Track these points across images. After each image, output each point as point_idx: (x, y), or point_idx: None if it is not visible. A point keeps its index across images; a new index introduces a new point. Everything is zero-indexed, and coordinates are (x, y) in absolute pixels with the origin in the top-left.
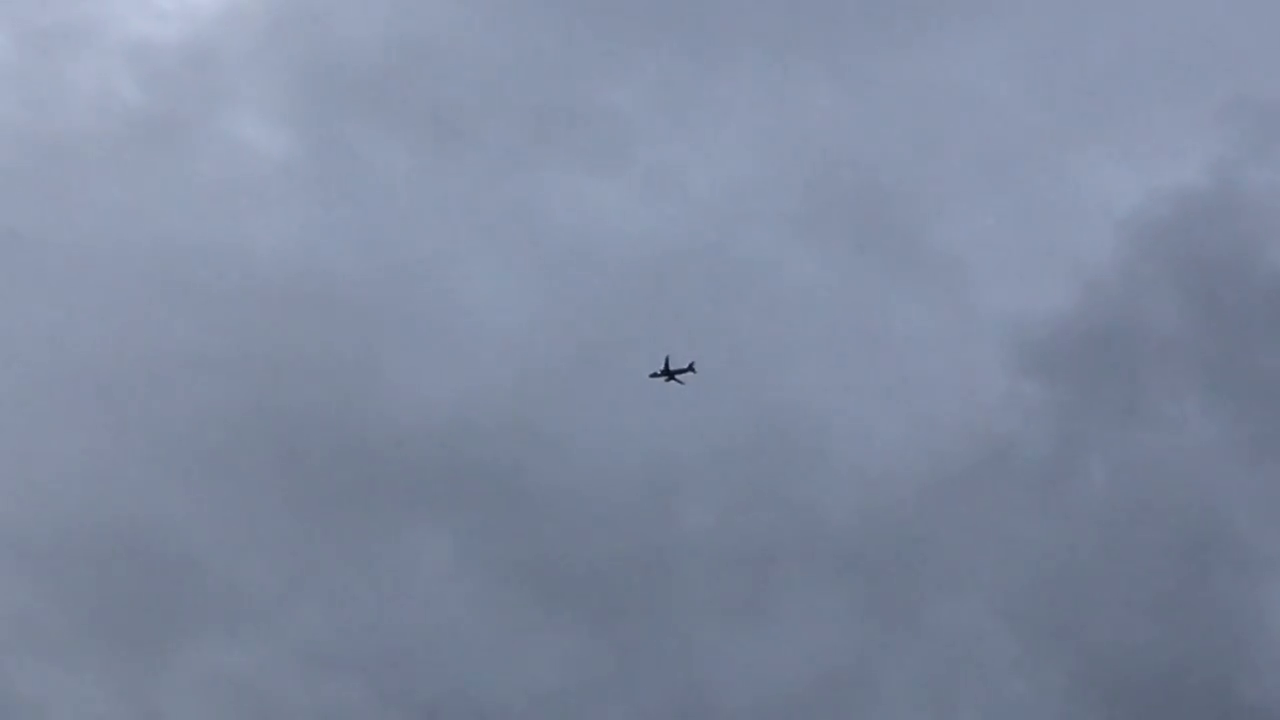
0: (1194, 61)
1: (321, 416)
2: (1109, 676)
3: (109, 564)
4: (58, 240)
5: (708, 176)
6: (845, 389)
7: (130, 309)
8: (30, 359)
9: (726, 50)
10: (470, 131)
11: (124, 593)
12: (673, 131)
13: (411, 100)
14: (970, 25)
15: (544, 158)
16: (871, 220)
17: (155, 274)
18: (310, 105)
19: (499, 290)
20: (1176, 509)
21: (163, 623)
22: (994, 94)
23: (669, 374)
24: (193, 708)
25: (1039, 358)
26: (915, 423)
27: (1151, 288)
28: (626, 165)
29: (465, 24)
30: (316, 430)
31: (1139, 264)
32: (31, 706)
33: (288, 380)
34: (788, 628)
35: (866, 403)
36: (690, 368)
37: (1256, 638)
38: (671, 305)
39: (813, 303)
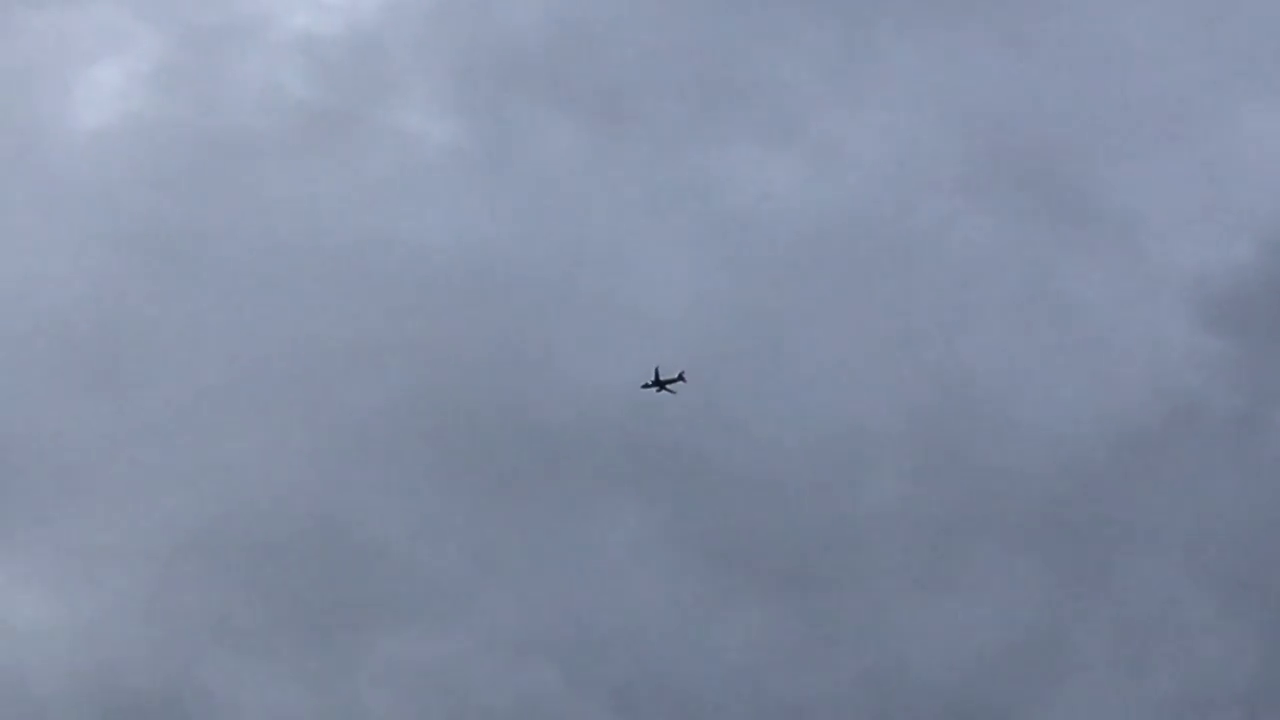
0: None
1: (502, 403)
2: None
3: (299, 559)
4: (230, 237)
5: (878, 145)
6: (1027, 352)
7: (305, 303)
8: (209, 358)
9: (892, 18)
10: (637, 110)
11: (315, 587)
12: (841, 101)
13: (577, 82)
14: None
15: (712, 133)
16: (1044, 181)
17: (329, 267)
18: (475, 92)
19: (672, 268)
20: None
21: (354, 615)
22: (1163, 47)
23: (659, 384)
24: (386, 699)
25: (1221, 312)
26: (1100, 383)
27: None
28: (796, 137)
29: (628, 1)
30: (499, 417)
31: None
32: (226, 704)
33: (467, 368)
34: (979, 595)
35: (1049, 365)
36: (680, 377)
37: None
38: (846, 276)
39: (989, 267)
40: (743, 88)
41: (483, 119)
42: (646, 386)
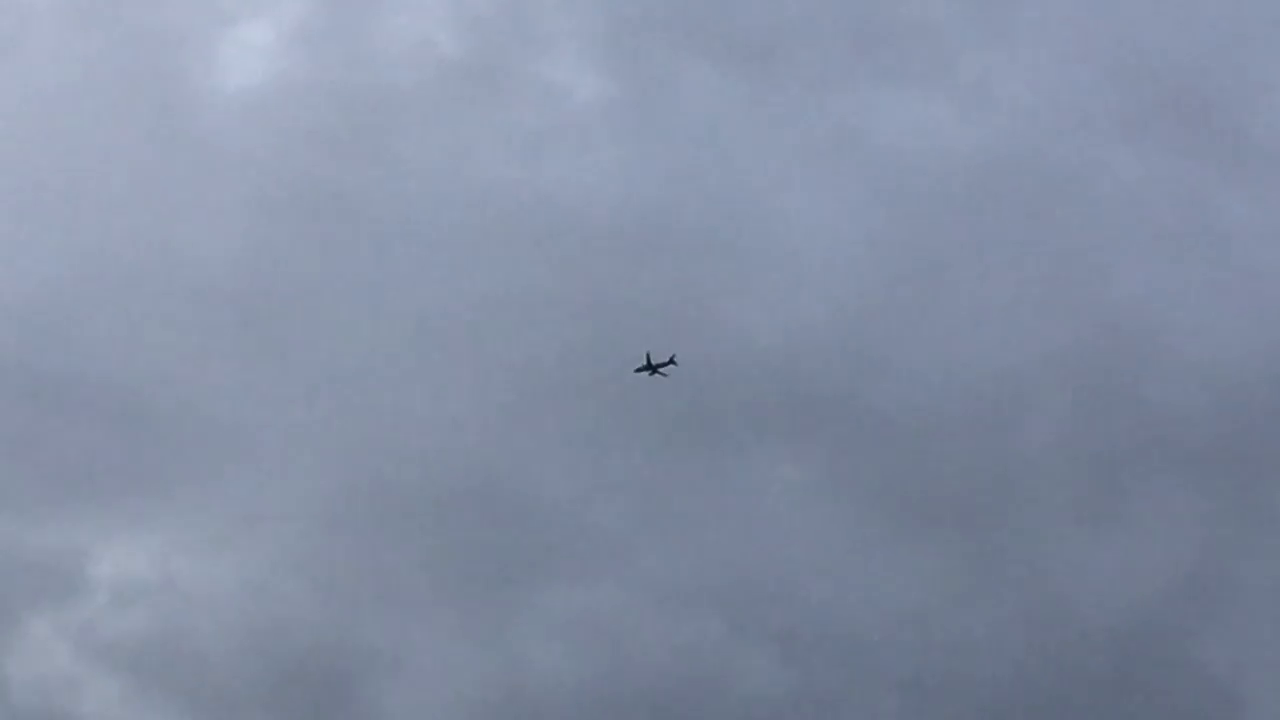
0: None
1: (660, 353)
2: None
3: (460, 515)
4: (381, 196)
5: (1028, 84)
6: (1182, 287)
7: (460, 260)
8: (366, 318)
9: None
10: (785, 55)
11: (477, 542)
12: (991, 41)
13: (725, 29)
14: None
15: (863, 77)
16: (1197, 115)
17: (483, 223)
18: (624, 43)
19: (825, 213)
20: None
21: (516, 570)
22: None
23: (651, 368)
24: (550, 651)
25: None
26: (1256, 315)
27: None
28: (946, 79)
29: None
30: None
31: None
32: (390, 661)
33: (623, 321)
34: (1141, 531)
35: (1205, 299)
36: (671, 360)
37: None
38: (1000, 216)
39: (1142, 203)
40: (892, 31)
41: (632, 70)
42: (639, 370)
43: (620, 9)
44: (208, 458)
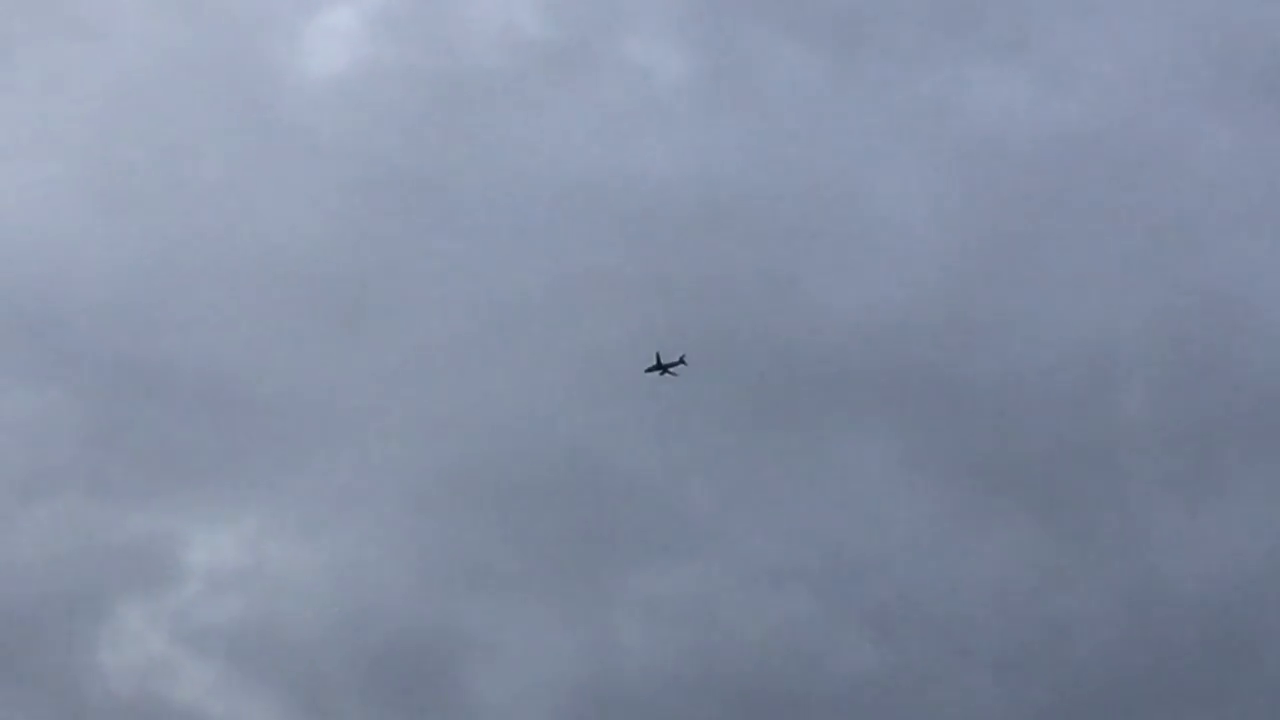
0: None
1: (747, 330)
2: None
3: (552, 497)
4: (468, 178)
5: (1114, 58)
6: (1275, 256)
7: (548, 241)
8: (455, 300)
9: None
10: (870, 32)
11: (569, 524)
12: (1076, 15)
13: (808, 6)
14: None
15: (947, 51)
16: None
17: (570, 204)
18: (707, 22)
19: (913, 189)
20: None
21: (609, 551)
22: None
23: (661, 368)
24: (642, 632)
25: None
26: None
27: None
28: (1031, 53)
29: None
30: (744, 345)
31: None
32: (484, 644)
33: (713, 300)
34: (1239, 503)
35: None
36: (681, 360)
37: None
38: (1088, 190)
39: (1233, 174)
40: (977, 5)
41: (716, 48)
42: (650, 370)
43: None
44: (300, 443)
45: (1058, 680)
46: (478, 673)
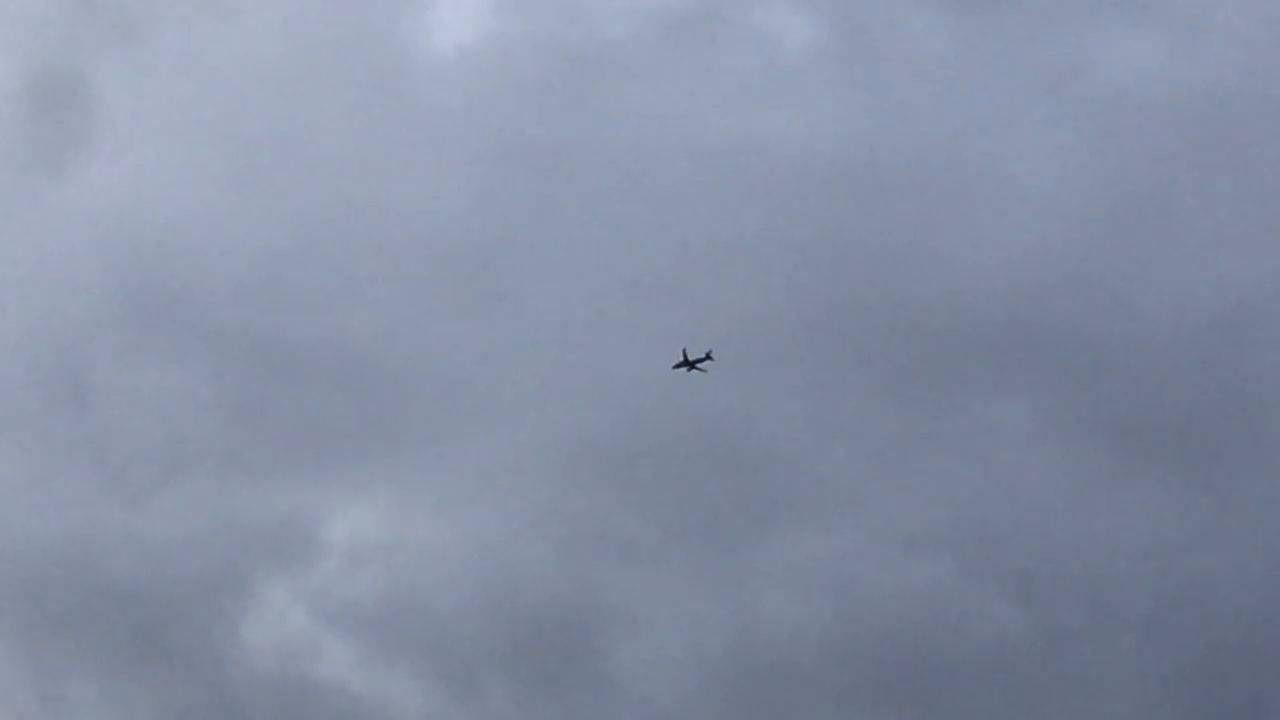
0: None
1: (881, 295)
2: None
3: (689, 465)
4: (599, 148)
5: (1247, 14)
6: None
7: (679, 209)
8: (588, 269)
9: None
10: None
11: (708, 491)
12: None
13: None
14: None
15: (1078, 12)
16: None
17: (701, 172)
18: None
19: (1047, 149)
20: None
21: (748, 518)
22: None
23: (689, 364)
24: (784, 599)
25: None
26: None
27: None
28: (1165, 12)
29: None
30: (878, 309)
31: None
32: (624, 614)
33: (843, 262)
34: None
35: None
36: (708, 356)
37: None
38: (1223, 146)
39: None
40: None
41: (846, 12)
42: (677, 367)
43: None
44: (437, 417)
45: (1201, 640)
46: (619, 644)
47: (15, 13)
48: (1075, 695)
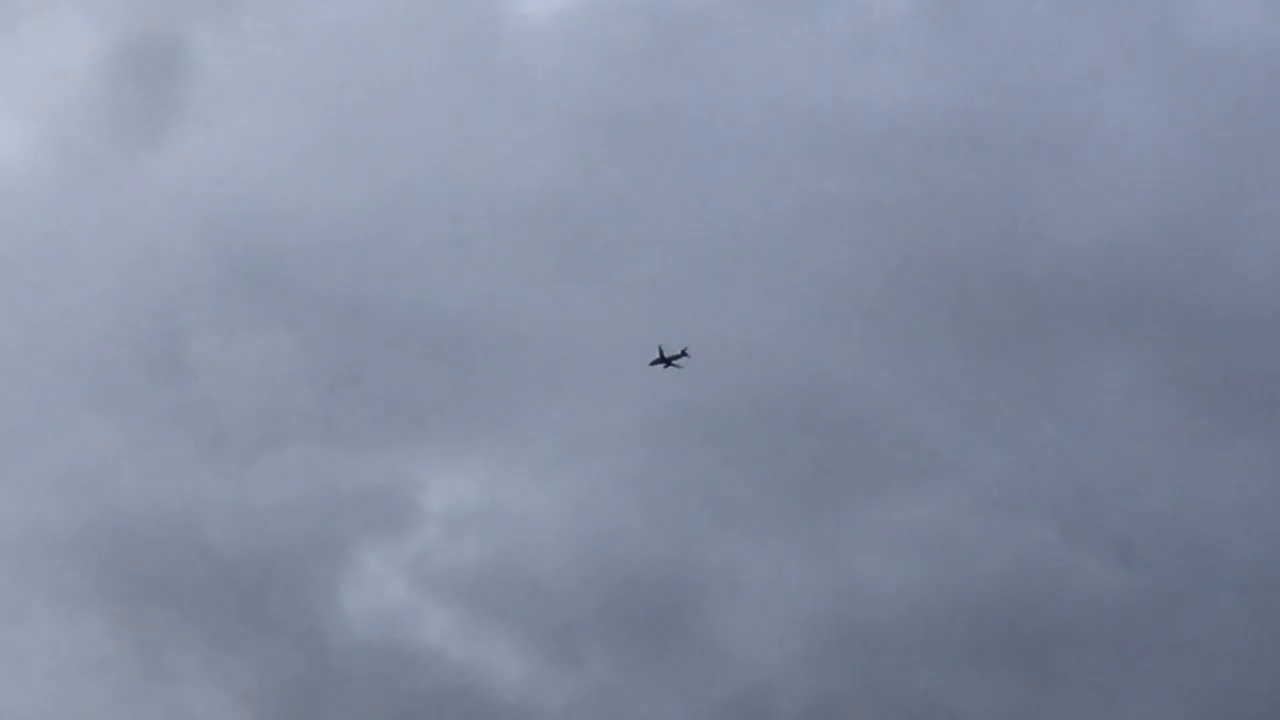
0: None
1: (979, 256)
2: None
3: (789, 426)
4: (695, 111)
5: None
6: None
7: (776, 171)
8: (685, 234)
9: None
10: None
11: (806, 454)
12: None
13: None
14: None
15: None
16: None
17: (797, 134)
18: None
19: (1144, 110)
20: None
21: (846, 480)
22: None
23: (665, 361)
24: (884, 563)
25: None
26: None
27: None
28: None
29: None
30: (976, 271)
31: None
32: (722, 578)
33: (941, 223)
34: None
35: None
36: (683, 353)
37: None
38: None
39: None
40: None
41: None
42: (654, 363)
43: None
44: (534, 382)
45: None
46: (719, 608)
47: None
48: (1178, 656)
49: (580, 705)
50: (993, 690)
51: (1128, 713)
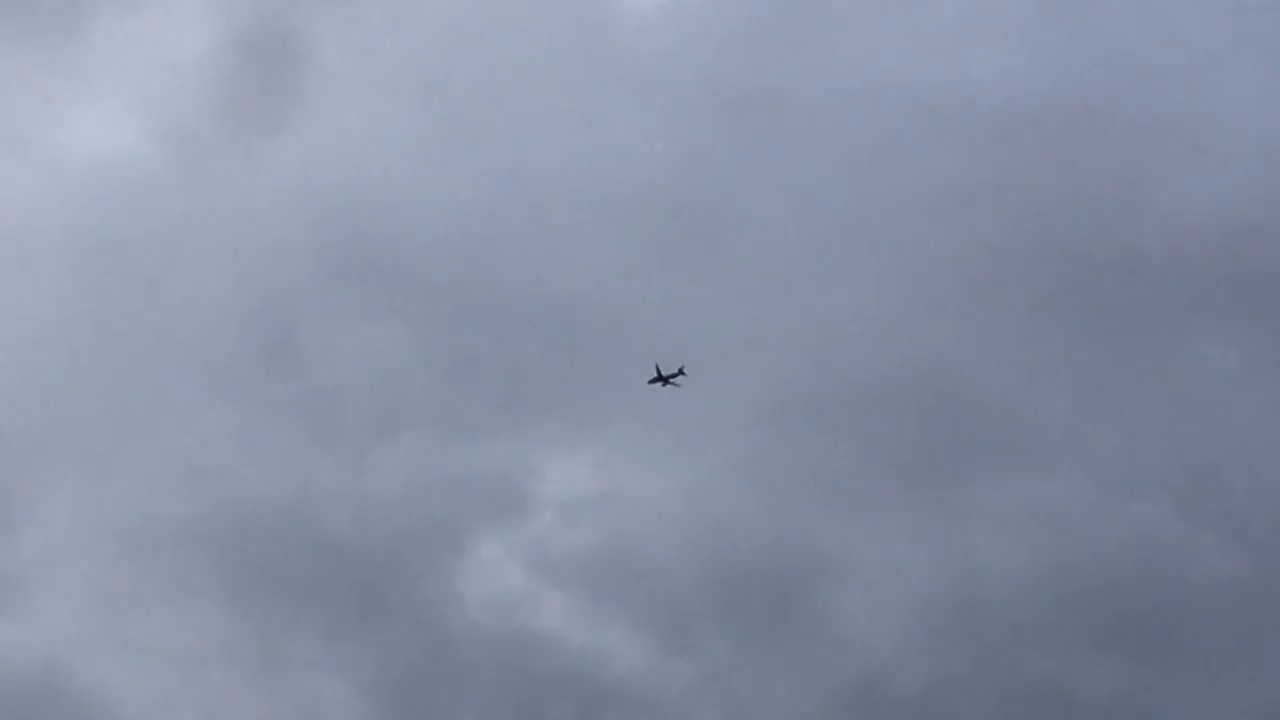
0: None
1: (1093, 237)
2: None
3: (904, 410)
4: (809, 96)
5: None
6: None
7: (890, 154)
8: (799, 215)
9: None
10: None
11: (921, 437)
12: None
13: None
14: None
15: None
16: None
17: (912, 117)
18: None
19: (1259, 91)
20: None
21: (962, 463)
22: None
23: (662, 380)
24: (999, 545)
25: None
26: None
27: None
28: None
29: None
30: (1090, 251)
31: None
32: (839, 562)
33: (1055, 204)
34: None
35: None
36: (680, 371)
37: None
38: None
39: None
40: None
41: None
42: (653, 381)
43: None
44: (646, 368)
45: None
46: (834, 591)
47: None
48: None
49: (696, 689)
50: (1109, 670)
51: (1245, 691)
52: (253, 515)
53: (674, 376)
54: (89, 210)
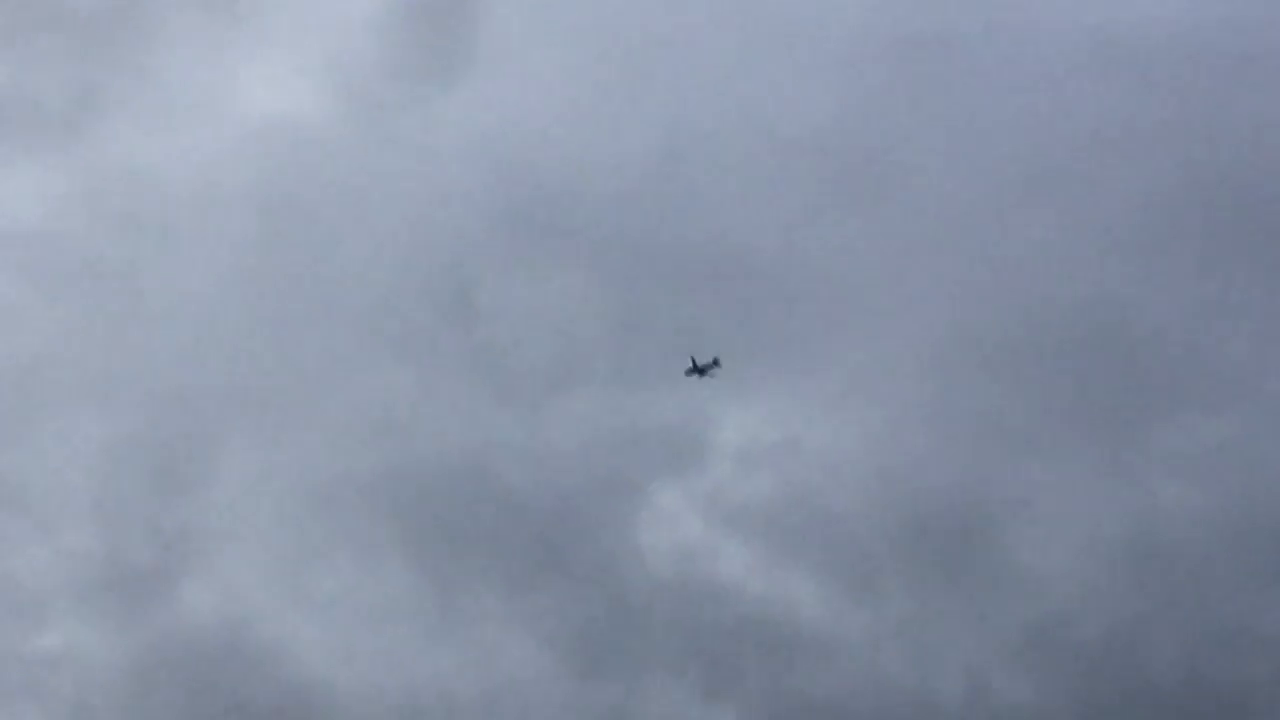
0: None
1: (1270, 174)
2: None
3: (1081, 351)
4: (977, 38)
5: None
6: None
7: (1065, 93)
8: (964, 160)
9: None
10: None
11: (1100, 378)
12: None
13: None
14: None
15: None
16: None
17: (1084, 54)
18: None
19: None
20: None
21: (1141, 404)
22: None
23: (698, 370)
24: (1180, 485)
25: None
26: None
27: None
28: None
29: None
30: (1267, 189)
31: None
32: (1020, 504)
33: (1231, 142)
34: None
35: None
36: (716, 362)
37: None
38: None
39: None
40: None
41: None
42: (689, 373)
43: None
44: (823, 316)
45: None
46: (1015, 536)
47: None
48: None
49: (878, 636)
50: None
51: None
52: (432, 470)
53: (710, 368)
54: (266, 170)
